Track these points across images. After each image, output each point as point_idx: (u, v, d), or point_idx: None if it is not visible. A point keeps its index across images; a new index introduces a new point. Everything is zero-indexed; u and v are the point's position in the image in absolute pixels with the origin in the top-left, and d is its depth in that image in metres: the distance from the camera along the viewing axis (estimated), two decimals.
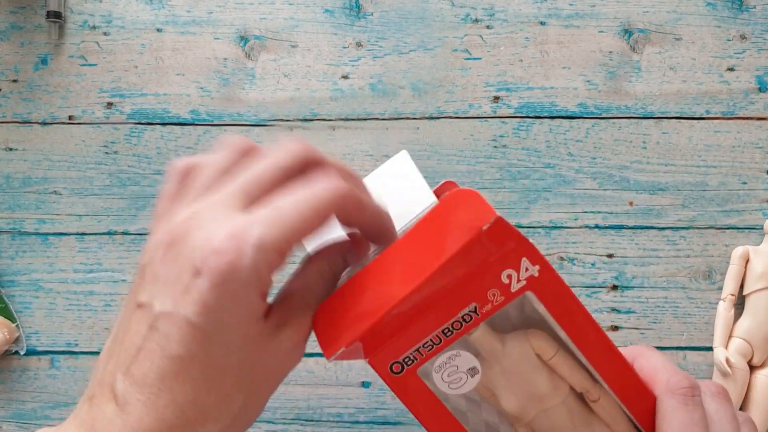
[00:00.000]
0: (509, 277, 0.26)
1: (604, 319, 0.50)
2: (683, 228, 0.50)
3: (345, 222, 0.28)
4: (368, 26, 0.51)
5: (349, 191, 0.26)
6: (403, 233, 0.28)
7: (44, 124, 0.52)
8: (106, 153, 0.52)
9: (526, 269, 0.26)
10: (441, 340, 0.27)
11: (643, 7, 0.51)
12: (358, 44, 0.51)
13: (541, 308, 0.27)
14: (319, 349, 0.27)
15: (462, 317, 0.27)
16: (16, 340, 0.51)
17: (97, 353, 0.51)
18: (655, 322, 0.50)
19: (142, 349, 0.25)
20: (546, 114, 0.51)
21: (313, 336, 0.28)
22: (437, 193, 0.35)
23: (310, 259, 0.29)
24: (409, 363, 0.27)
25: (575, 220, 0.50)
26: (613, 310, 0.50)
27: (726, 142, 0.50)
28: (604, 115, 0.51)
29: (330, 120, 0.51)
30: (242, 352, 0.25)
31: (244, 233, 0.24)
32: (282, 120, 0.51)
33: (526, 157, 0.51)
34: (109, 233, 0.52)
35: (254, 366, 0.26)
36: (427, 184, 0.34)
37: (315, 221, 0.25)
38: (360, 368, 0.51)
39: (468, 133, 0.51)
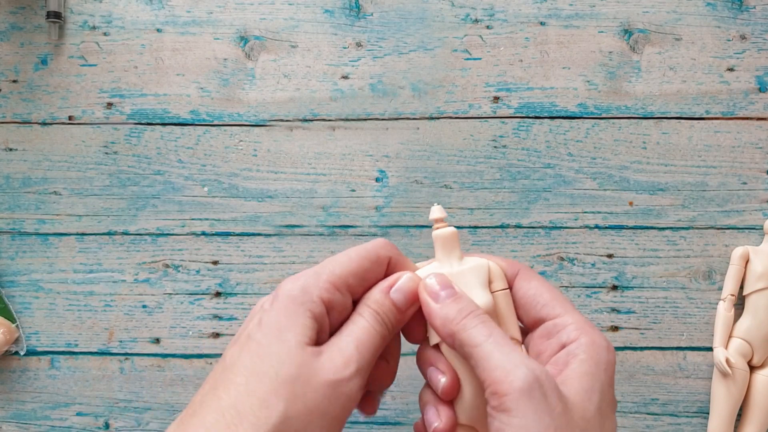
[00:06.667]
0: None
1: (604, 319, 0.50)
2: (683, 228, 0.50)
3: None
4: (368, 26, 0.51)
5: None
6: None
7: (44, 124, 0.52)
8: (106, 153, 0.52)
9: None
10: None
11: (643, 8, 0.51)
12: (358, 44, 0.51)
13: None
14: None
15: None
16: (16, 341, 0.51)
17: (97, 353, 0.51)
18: (655, 322, 0.50)
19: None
20: (546, 114, 0.51)
21: None
22: None
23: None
24: None
25: (575, 220, 0.50)
26: (613, 310, 0.50)
27: (726, 142, 0.50)
28: (604, 115, 0.51)
29: (330, 120, 0.51)
30: (283, 364, 0.28)
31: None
32: (282, 120, 0.51)
33: (526, 157, 0.51)
34: (109, 233, 0.52)
35: (295, 378, 0.28)
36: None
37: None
38: None
39: (468, 133, 0.51)
